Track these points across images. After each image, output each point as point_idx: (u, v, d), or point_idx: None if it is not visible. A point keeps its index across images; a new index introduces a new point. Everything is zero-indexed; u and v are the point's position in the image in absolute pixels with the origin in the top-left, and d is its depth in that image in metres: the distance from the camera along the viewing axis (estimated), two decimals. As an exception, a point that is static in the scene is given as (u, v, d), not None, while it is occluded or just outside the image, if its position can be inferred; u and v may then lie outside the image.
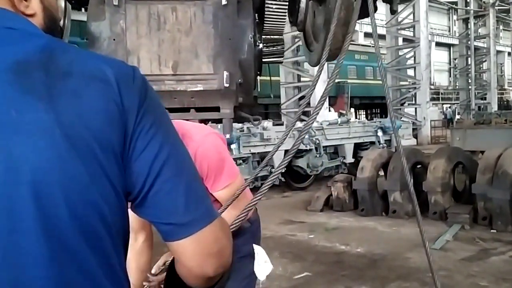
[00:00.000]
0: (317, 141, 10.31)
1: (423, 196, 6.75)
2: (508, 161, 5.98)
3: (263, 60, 2.01)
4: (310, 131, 10.20)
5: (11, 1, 0.77)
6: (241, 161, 8.95)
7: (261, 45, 1.97)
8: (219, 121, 1.87)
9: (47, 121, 0.67)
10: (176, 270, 0.83)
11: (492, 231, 5.77)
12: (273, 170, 9.50)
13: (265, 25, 1.99)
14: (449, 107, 29.09)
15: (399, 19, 20.72)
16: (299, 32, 2.46)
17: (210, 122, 2.37)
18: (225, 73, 1.71)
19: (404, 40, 21.24)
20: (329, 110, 16.67)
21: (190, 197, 0.76)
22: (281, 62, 2.19)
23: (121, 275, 0.75)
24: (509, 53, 34.35)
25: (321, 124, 11.07)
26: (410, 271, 4.47)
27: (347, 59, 23.27)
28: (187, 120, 1.87)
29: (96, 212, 0.70)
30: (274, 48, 2.06)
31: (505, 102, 33.48)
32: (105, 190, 0.71)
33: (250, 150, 9.07)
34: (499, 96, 31.68)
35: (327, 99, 15.64)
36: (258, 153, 9.36)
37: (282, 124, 11.37)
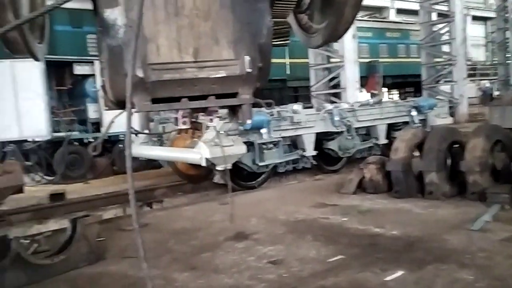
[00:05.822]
0: (348, 123, 10.15)
1: (461, 176, 6.54)
2: (552, 137, 5.70)
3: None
4: (341, 113, 10.05)
5: None
6: (272, 145, 8.93)
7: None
8: (233, 107, 1.82)
9: None
10: None
11: (534, 210, 5.55)
12: (303, 153, 9.47)
13: (274, 8, 1.96)
14: (488, 83, 27.94)
15: (433, -7, 19.89)
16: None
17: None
18: (246, 58, 1.68)
19: (439, 15, 20.41)
20: (361, 91, 16.32)
21: None
22: (287, 45, 2.32)
23: None
24: (551, 24, 32.46)
25: (352, 105, 10.85)
26: (447, 253, 4.36)
27: (379, 37, 22.58)
28: (206, 108, 1.82)
29: None
30: (282, 31, 2.05)
31: (548, 76, 31.81)
32: None
33: (280, 134, 9.03)
34: (541, 69, 30.10)
35: (359, 80, 15.29)
36: (288, 136, 9.31)
37: (312, 107, 11.23)
